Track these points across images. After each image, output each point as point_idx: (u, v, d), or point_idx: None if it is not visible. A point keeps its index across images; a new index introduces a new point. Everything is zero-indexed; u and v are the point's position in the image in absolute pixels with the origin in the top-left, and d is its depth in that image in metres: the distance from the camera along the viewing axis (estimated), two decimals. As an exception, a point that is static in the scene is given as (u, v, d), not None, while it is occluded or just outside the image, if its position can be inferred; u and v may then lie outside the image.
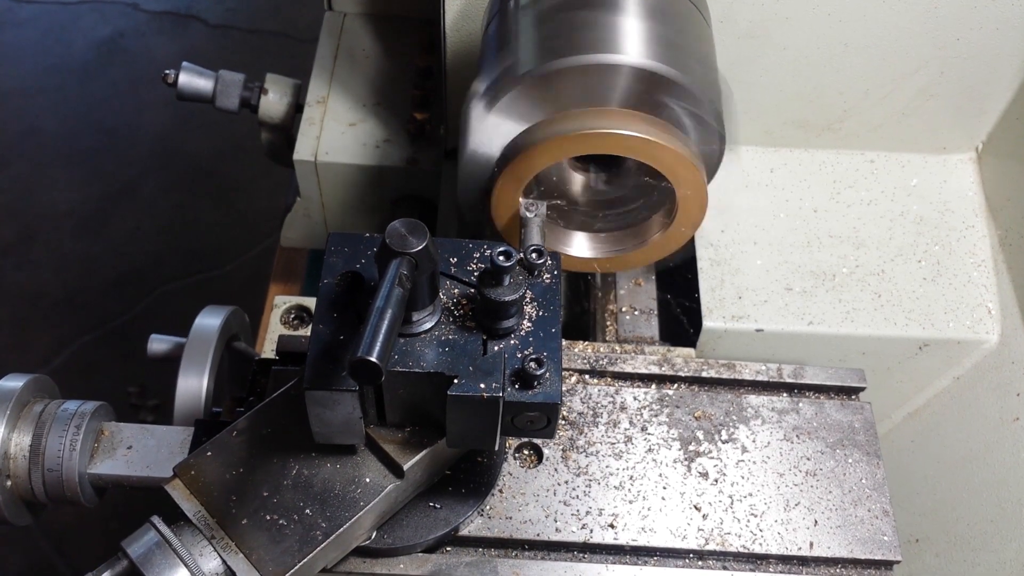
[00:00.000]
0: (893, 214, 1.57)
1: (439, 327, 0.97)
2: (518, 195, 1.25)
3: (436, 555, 1.10)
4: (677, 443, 1.19)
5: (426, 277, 0.90)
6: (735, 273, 1.51)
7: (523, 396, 0.93)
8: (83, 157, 3.67)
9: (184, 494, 0.99)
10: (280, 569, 0.95)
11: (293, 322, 1.38)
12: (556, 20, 1.20)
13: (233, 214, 3.53)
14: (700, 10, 1.28)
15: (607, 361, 1.24)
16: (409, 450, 1.00)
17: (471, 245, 1.03)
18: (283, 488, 1.00)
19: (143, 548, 0.95)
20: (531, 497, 1.13)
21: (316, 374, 0.92)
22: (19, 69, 3.95)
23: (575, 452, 1.17)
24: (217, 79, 1.86)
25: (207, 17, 4.14)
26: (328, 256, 1.00)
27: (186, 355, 1.28)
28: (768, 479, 1.17)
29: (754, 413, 1.22)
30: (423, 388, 0.95)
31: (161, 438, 1.17)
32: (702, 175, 1.22)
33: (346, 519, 0.98)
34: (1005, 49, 1.44)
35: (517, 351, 0.96)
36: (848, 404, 1.24)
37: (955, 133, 1.58)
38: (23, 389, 1.14)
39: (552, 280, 1.01)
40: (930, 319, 1.48)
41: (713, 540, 1.13)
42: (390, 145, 1.79)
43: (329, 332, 0.95)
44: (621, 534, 1.12)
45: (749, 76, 1.49)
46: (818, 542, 1.13)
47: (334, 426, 0.96)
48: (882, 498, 1.17)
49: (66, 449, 1.12)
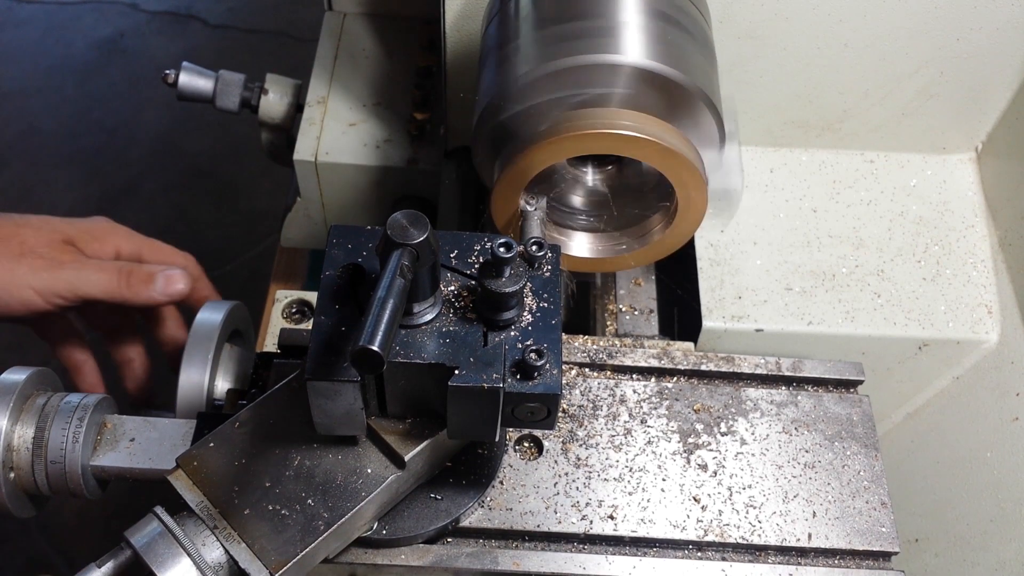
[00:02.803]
0: (893, 214, 1.57)
1: (440, 319, 0.97)
2: (518, 195, 1.25)
3: (437, 546, 1.10)
4: (676, 435, 1.19)
5: (427, 268, 0.91)
6: (735, 273, 1.51)
7: (523, 387, 0.94)
8: (83, 157, 3.67)
9: (187, 484, 0.99)
10: (282, 559, 0.95)
11: (294, 316, 1.38)
12: (556, 20, 1.20)
13: (233, 214, 3.53)
14: (700, 10, 1.28)
15: (606, 354, 1.25)
16: (410, 441, 1.01)
17: (471, 237, 1.03)
18: (285, 479, 1.00)
19: (146, 538, 0.95)
20: (531, 489, 1.14)
21: (318, 365, 0.92)
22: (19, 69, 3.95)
23: (575, 444, 1.18)
24: (217, 79, 1.86)
25: (207, 17, 4.14)
26: (330, 248, 1.01)
27: (188, 349, 1.29)
28: (767, 471, 1.18)
29: (753, 406, 1.23)
30: (424, 379, 0.96)
31: (164, 430, 1.17)
32: (702, 175, 1.23)
33: (348, 509, 0.99)
34: (1005, 49, 1.44)
35: (517, 342, 0.96)
36: (846, 397, 1.24)
37: (955, 133, 1.59)
38: (26, 382, 1.15)
39: (552, 272, 1.02)
40: (930, 319, 1.49)
41: (712, 531, 1.13)
42: (390, 145, 1.79)
43: (331, 324, 0.95)
44: (621, 525, 1.12)
45: (749, 76, 1.49)
46: (816, 533, 1.14)
47: (336, 417, 0.96)
48: (880, 490, 1.17)
49: (69, 441, 1.13)
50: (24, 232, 1.36)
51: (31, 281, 1.32)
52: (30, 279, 1.32)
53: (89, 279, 1.35)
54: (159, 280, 1.38)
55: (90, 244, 1.43)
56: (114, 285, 1.35)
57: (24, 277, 1.32)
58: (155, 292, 1.37)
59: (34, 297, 1.32)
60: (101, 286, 1.35)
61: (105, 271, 1.36)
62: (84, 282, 1.34)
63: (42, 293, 1.32)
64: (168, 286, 1.38)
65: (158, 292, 1.37)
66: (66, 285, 1.33)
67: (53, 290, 1.33)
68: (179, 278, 1.39)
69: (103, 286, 1.35)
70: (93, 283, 1.35)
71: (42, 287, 1.32)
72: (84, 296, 1.35)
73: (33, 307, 1.33)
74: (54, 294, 1.33)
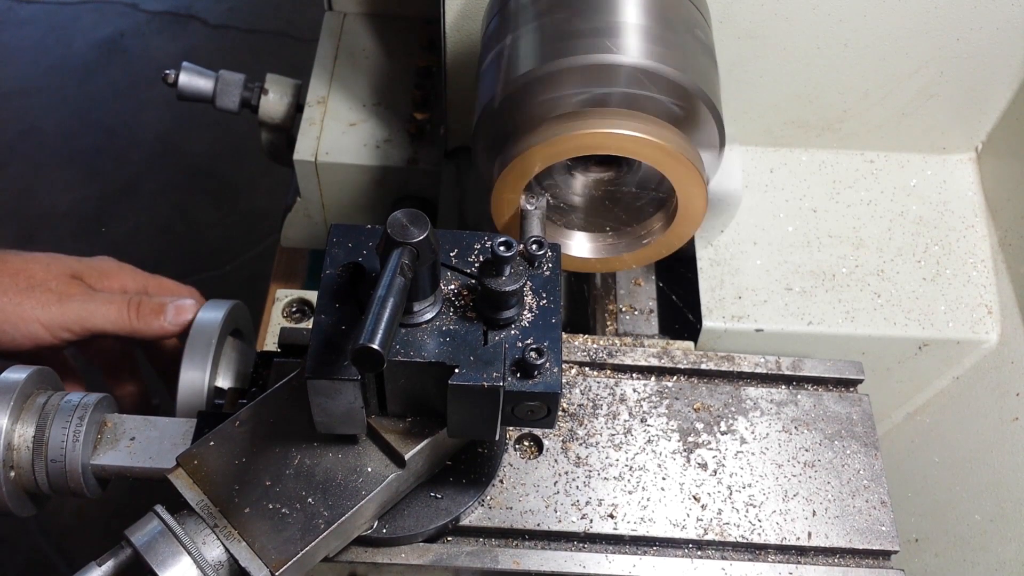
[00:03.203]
0: (893, 214, 1.57)
1: (440, 317, 0.97)
2: (518, 195, 1.25)
3: (437, 545, 1.10)
4: (676, 434, 1.19)
5: (427, 267, 0.91)
6: (735, 273, 1.51)
7: (523, 385, 0.94)
8: (83, 157, 3.67)
9: (187, 483, 1.00)
10: (283, 557, 0.95)
11: (295, 315, 1.38)
12: (556, 20, 1.20)
13: (233, 214, 3.53)
14: (700, 10, 1.28)
15: (606, 353, 1.25)
16: (410, 440, 1.01)
17: (471, 236, 1.04)
18: (285, 477, 1.00)
19: (147, 536, 0.95)
20: (531, 488, 1.14)
21: (318, 363, 0.92)
22: (19, 69, 3.95)
23: (575, 443, 1.18)
24: (217, 79, 1.86)
25: (207, 17, 4.14)
26: (330, 247, 1.01)
27: (188, 348, 1.29)
28: (767, 470, 1.18)
29: (753, 405, 1.23)
30: (424, 378, 0.96)
31: (164, 429, 1.17)
32: (702, 175, 1.23)
33: (348, 508, 0.99)
34: (1005, 49, 1.44)
35: (517, 341, 0.96)
36: (846, 396, 1.25)
37: (955, 133, 1.59)
38: (26, 381, 1.15)
39: (552, 271, 1.02)
40: (929, 319, 1.49)
41: (712, 530, 1.13)
42: (390, 145, 1.79)
43: (331, 322, 0.95)
44: (621, 524, 1.13)
45: (749, 76, 1.49)
46: (816, 532, 1.14)
47: (336, 416, 0.97)
48: (880, 489, 1.17)
49: (69, 440, 1.13)
50: (32, 267, 1.36)
51: (39, 315, 1.32)
52: (38, 313, 1.32)
53: (98, 311, 1.35)
54: (170, 310, 1.38)
55: (97, 280, 1.42)
56: (124, 317, 1.35)
57: (32, 311, 1.32)
58: (166, 323, 1.37)
59: (41, 331, 1.32)
60: (110, 318, 1.35)
61: (114, 303, 1.36)
62: (93, 314, 1.34)
63: (49, 327, 1.32)
64: (179, 316, 1.38)
65: (169, 322, 1.37)
66: (74, 318, 1.33)
67: (61, 323, 1.32)
68: (189, 308, 1.38)
69: (112, 318, 1.35)
70: (102, 315, 1.35)
71: (49, 321, 1.32)
72: (92, 329, 1.35)
73: (39, 341, 1.33)
74: (62, 327, 1.32)
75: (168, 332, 1.37)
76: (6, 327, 1.31)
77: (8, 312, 1.31)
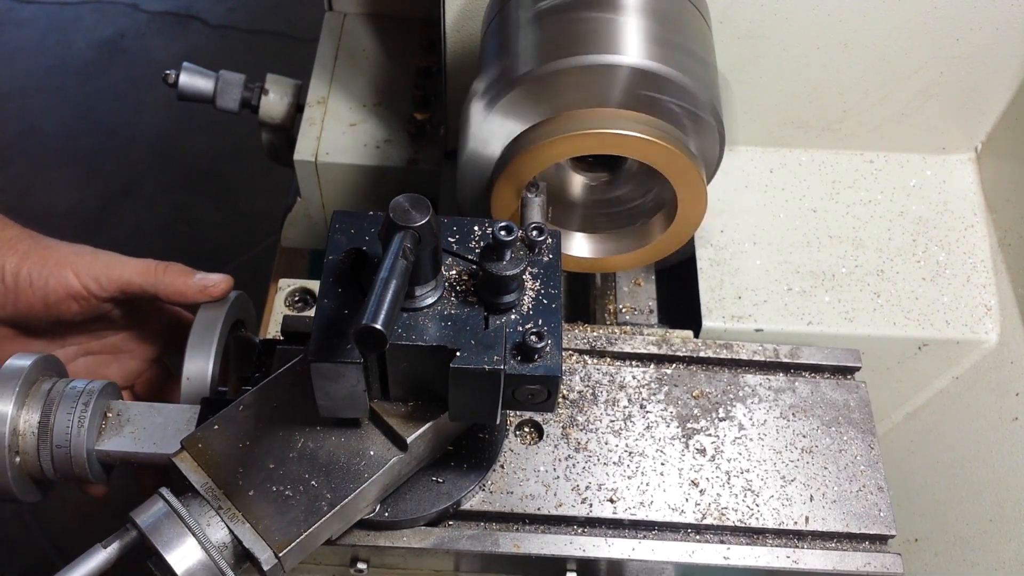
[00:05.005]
0: (892, 214, 1.58)
1: (441, 302, 0.98)
2: (518, 194, 1.26)
3: (439, 528, 1.11)
4: (675, 421, 1.20)
5: (428, 252, 0.92)
6: (735, 273, 1.52)
7: (524, 369, 0.95)
8: (83, 157, 3.66)
9: (192, 466, 1.00)
10: (286, 539, 0.96)
11: (297, 304, 1.39)
12: (556, 20, 1.21)
13: (233, 214, 3.53)
14: (700, 10, 1.29)
15: (606, 341, 1.26)
16: (412, 423, 1.02)
17: (472, 222, 1.04)
18: (289, 460, 1.01)
19: (152, 518, 0.96)
20: (532, 473, 1.15)
21: (321, 347, 0.93)
22: (19, 69, 3.95)
23: (575, 429, 1.19)
24: (217, 79, 1.87)
25: (207, 17, 4.14)
26: (332, 233, 1.02)
27: (192, 336, 1.29)
28: (765, 456, 1.19)
29: (751, 392, 1.24)
30: (426, 361, 0.96)
31: (168, 416, 1.18)
32: (702, 175, 1.23)
33: (351, 490, 1.00)
34: (1005, 49, 1.45)
35: (518, 325, 0.97)
36: (843, 383, 1.26)
37: (955, 133, 1.59)
38: (31, 367, 1.15)
39: (552, 257, 1.03)
40: (929, 319, 1.49)
41: (710, 515, 1.14)
42: (390, 145, 1.80)
43: (333, 307, 0.96)
44: (620, 509, 1.14)
45: (749, 76, 1.50)
46: (814, 517, 1.15)
47: (339, 399, 0.97)
48: (876, 474, 1.18)
49: (74, 426, 1.13)
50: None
51: (72, 260, 1.32)
52: (72, 259, 1.32)
53: (128, 262, 1.35)
54: (197, 276, 1.38)
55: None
56: (151, 271, 1.35)
57: (66, 256, 1.32)
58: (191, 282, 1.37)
59: (73, 279, 1.31)
60: (139, 269, 1.35)
61: (144, 260, 1.37)
62: (124, 264, 1.34)
63: (80, 275, 1.32)
64: (205, 283, 1.37)
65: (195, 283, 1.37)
66: (104, 267, 1.32)
67: (91, 273, 1.32)
68: (218, 282, 1.38)
69: (140, 269, 1.34)
70: (131, 267, 1.35)
71: (82, 268, 1.32)
72: (119, 281, 1.34)
73: (71, 290, 1.32)
74: (91, 277, 1.32)
75: (190, 295, 1.37)
76: (42, 270, 1.31)
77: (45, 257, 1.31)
